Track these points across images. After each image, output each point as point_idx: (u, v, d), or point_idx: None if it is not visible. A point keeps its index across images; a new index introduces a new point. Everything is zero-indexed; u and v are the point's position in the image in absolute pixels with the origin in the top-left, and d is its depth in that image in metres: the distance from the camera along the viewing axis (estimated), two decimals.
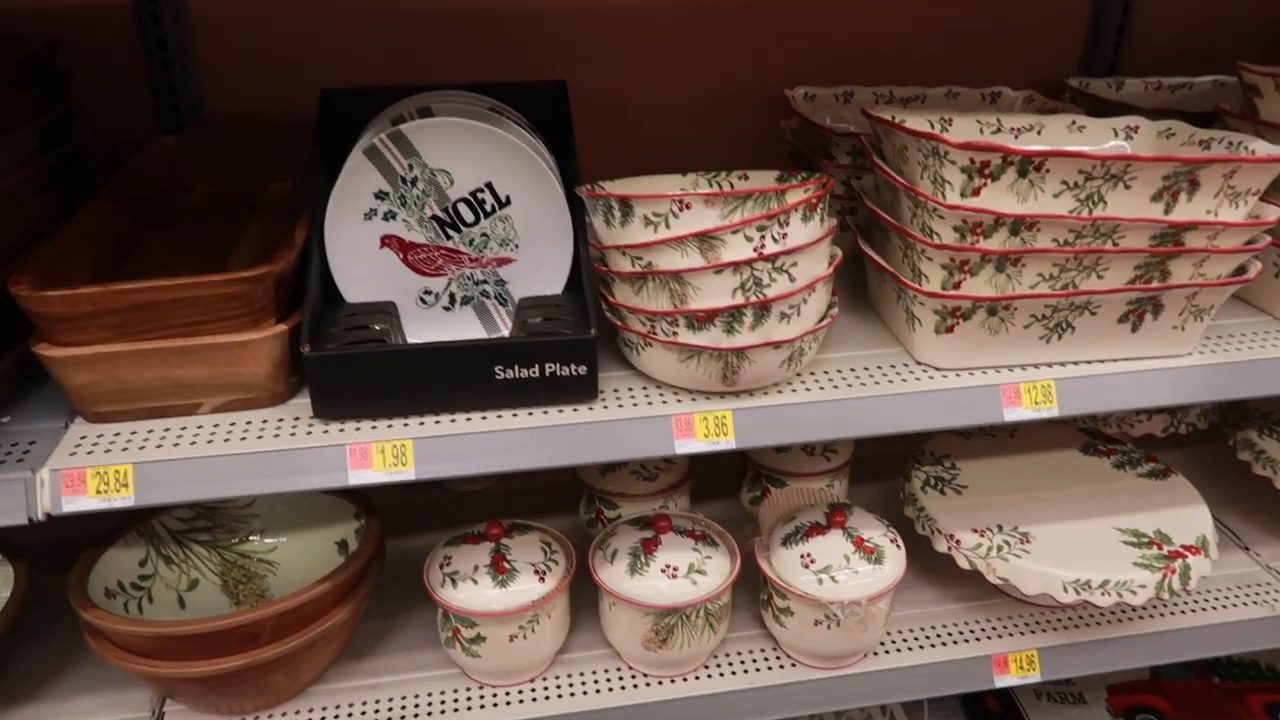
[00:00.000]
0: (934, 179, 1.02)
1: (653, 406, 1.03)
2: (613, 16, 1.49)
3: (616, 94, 1.54)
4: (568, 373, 1.00)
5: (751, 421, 1.03)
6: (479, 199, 1.07)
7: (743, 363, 1.00)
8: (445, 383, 0.99)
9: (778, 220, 0.96)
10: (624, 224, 0.99)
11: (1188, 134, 1.16)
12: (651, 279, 0.98)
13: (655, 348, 1.01)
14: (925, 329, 1.08)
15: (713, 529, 1.25)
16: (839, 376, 1.09)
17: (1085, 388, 1.09)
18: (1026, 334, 1.08)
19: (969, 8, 1.64)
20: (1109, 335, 1.10)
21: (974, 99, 1.56)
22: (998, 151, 0.97)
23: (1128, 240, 1.02)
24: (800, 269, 0.99)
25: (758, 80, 1.59)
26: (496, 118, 1.12)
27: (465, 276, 1.11)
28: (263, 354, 0.98)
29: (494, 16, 1.45)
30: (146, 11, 1.37)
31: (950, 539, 1.27)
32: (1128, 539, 1.26)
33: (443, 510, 1.50)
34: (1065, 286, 1.05)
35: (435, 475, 0.98)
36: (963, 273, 1.03)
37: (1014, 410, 1.08)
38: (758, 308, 0.97)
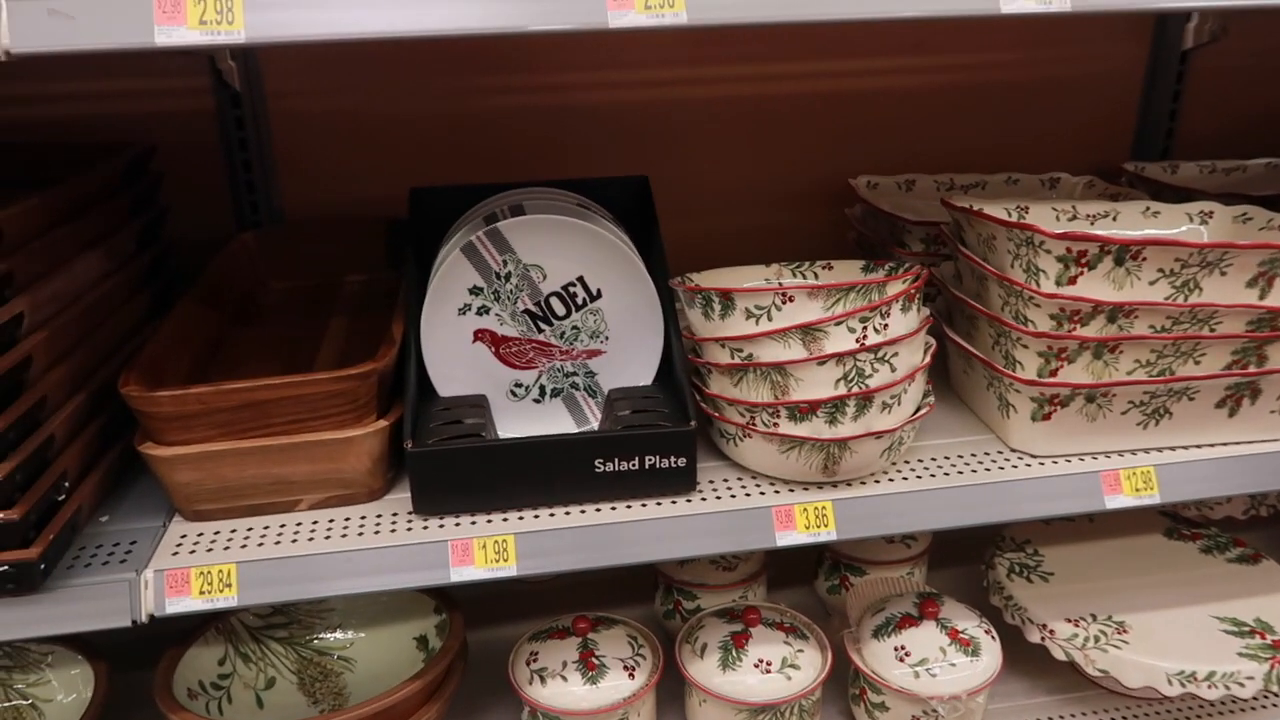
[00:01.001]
0: (1027, 268, 1.03)
1: (751, 498, 1.02)
2: (682, 112, 1.53)
3: (685, 186, 1.56)
4: (667, 465, 1.00)
5: (852, 512, 1.02)
6: (571, 292, 1.08)
7: (844, 453, 0.99)
8: (545, 476, 0.99)
9: (879, 311, 0.96)
10: (724, 316, 0.99)
11: (1265, 219, 1.17)
12: (752, 370, 0.98)
13: (754, 439, 1.01)
14: (1021, 416, 1.08)
15: (800, 620, 1.23)
16: (934, 465, 1.08)
17: (1186, 474, 1.08)
18: (1124, 420, 1.07)
19: (1021, 98, 1.67)
20: (1206, 420, 1.09)
21: (1034, 184, 1.57)
22: (1095, 241, 0.98)
23: (1224, 326, 1.02)
24: (900, 359, 0.99)
25: (819, 172, 1.62)
26: (586, 213, 1.13)
27: (555, 369, 1.11)
28: (364, 450, 0.98)
29: (560, 115, 1.49)
30: (230, 116, 1.41)
31: (1044, 629, 1.24)
32: (1228, 628, 1.23)
33: (513, 601, 1.48)
34: (1162, 373, 1.04)
35: (537, 571, 0.97)
36: (1060, 360, 1.03)
37: (1115, 498, 1.06)
38: (860, 398, 0.97)
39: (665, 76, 1.51)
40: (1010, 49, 1.65)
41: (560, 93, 1.49)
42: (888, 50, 1.58)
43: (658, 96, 1.51)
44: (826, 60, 1.57)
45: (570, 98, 1.49)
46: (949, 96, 1.64)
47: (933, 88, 1.63)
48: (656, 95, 1.51)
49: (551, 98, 1.49)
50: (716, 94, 1.54)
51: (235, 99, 1.41)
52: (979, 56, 1.65)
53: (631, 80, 1.50)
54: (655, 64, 1.51)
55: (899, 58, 1.61)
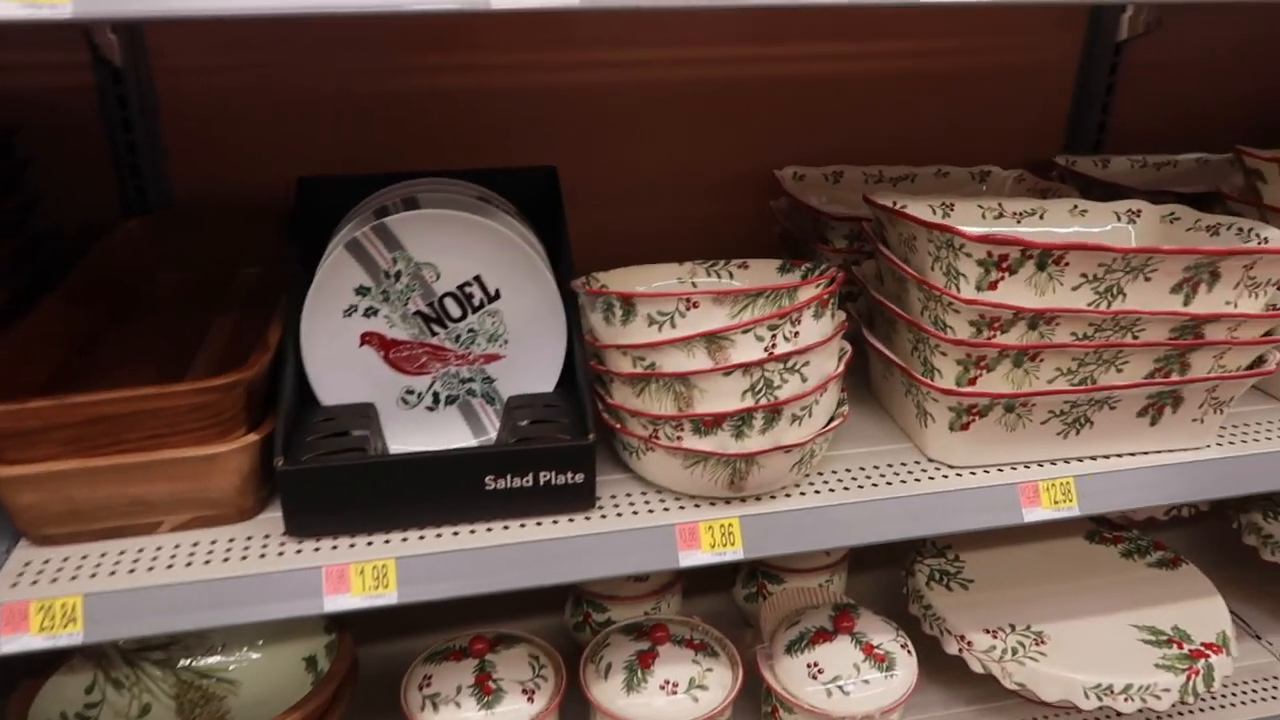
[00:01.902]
0: (947, 271, 0.98)
1: (654, 515, 0.96)
2: (597, 98, 1.45)
3: (602, 176, 1.49)
4: (564, 481, 0.93)
5: (760, 529, 0.96)
6: (467, 293, 1.01)
7: (752, 468, 0.93)
8: (430, 494, 0.91)
9: (789, 318, 0.90)
10: (625, 322, 0.93)
11: (1193, 219, 1.13)
12: (655, 380, 0.92)
13: (657, 453, 0.95)
14: (939, 426, 1.03)
15: (712, 636, 1.17)
16: (849, 477, 1.03)
17: (1105, 485, 1.04)
18: (1044, 429, 1.03)
19: (955, 89, 1.62)
20: (1128, 429, 1.05)
21: (963, 178, 1.53)
22: (1017, 245, 0.93)
23: (1148, 333, 0.98)
24: (812, 368, 0.93)
25: (746, 162, 1.55)
26: (485, 207, 1.06)
27: (450, 375, 1.03)
28: (231, 468, 0.90)
29: (475, 99, 1.40)
30: (111, 94, 1.30)
31: (961, 640, 1.20)
32: (1146, 637, 1.20)
33: (418, 611, 1.39)
34: (1084, 381, 1.00)
35: (420, 598, 0.90)
36: (979, 368, 0.98)
37: (1034, 510, 1.02)
38: (769, 411, 0.91)
39: (582, 59, 1.43)
40: (942, 36, 1.59)
41: (471, 74, 1.40)
42: (814, 35, 1.52)
43: (575, 80, 1.43)
44: (750, 45, 1.50)
45: (481, 80, 1.40)
46: (878, 84, 1.58)
47: (862, 75, 1.57)
48: (573, 79, 1.43)
49: (462, 79, 1.40)
50: (635, 79, 1.46)
51: (117, 75, 1.30)
52: (910, 44, 1.60)
53: (546, 63, 1.42)
54: (572, 46, 1.43)
55: (826, 43, 1.55)
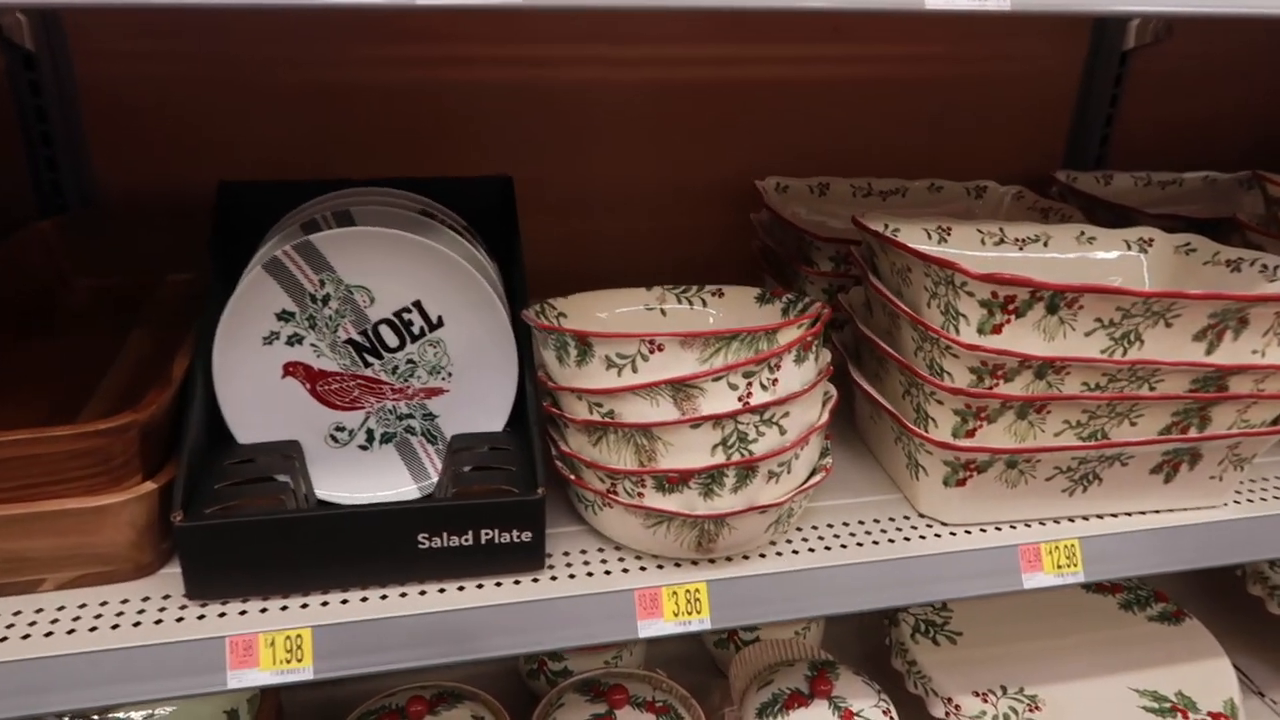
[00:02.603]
0: (945, 309, 0.87)
1: (612, 578, 0.85)
2: (564, 98, 1.33)
3: (567, 184, 1.37)
4: (508, 539, 0.82)
5: (731, 595, 0.85)
6: (405, 320, 0.89)
7: (722, 530, 0.82)
8: (355, 553, 0.80)
9: (768, 364, 0.80)
10: (580, 363, 0.82)
11: (1211, 252, 1.03)
12: (613, 430, 0.81)
13: (616, 509, 0.84)
14: (932, 479, 0.93)
15: (675, 695, 1.07)
16: (830, 534, 0.92)
17: (1113, 548, 0.94)
18: (1048, 486, 0.93)
19: (950, 96, 1.52)
20: (1140, 487, 0.95)
21: (958, 192, 1.43)
22: (1025, 286, 0.82)
23: (1166, 384, 0.88)
24: (792, 419, 0.82)
25: (725, 171, 1.44)
26: (428, 223, 0.94)
27: (387, 410, 0.92)
28: (123, 520, 0.78)
29: (426, 97, 1.28)
30: (24, 79, 1.18)
31: (949, 703, 1.10)
32: (1148, 704, 1.11)
33: None
34: (1094, 435, 0.90)
35: (341, 673, 0.78)
36: (979, 420, 0.88)
37: (1034, 576, 0.92)
38: (742, 468, 0.80)
39: (546, 55, 1.31)
40: (937, 41, 1.49)
41: (421, 68, 1.27)
42: (801, 36, 1.41)
43: (537, 78, 1.31)
44: (731, 45, 1.38)
45: (432, 75, 1.27)
46: (868, 90, 1.47)
47: (850, 80, 1.46)
48: (535, 76, 1.31)
49: (411, 74, 1.27)
50: (605, 78, 1.34)
51: (29, 60, 1.17)
52: (903, 48, 1.49)
53: (505, 58, 1.29)
54: (534, 40, 1.30)
55: (814, 45, 1.44)
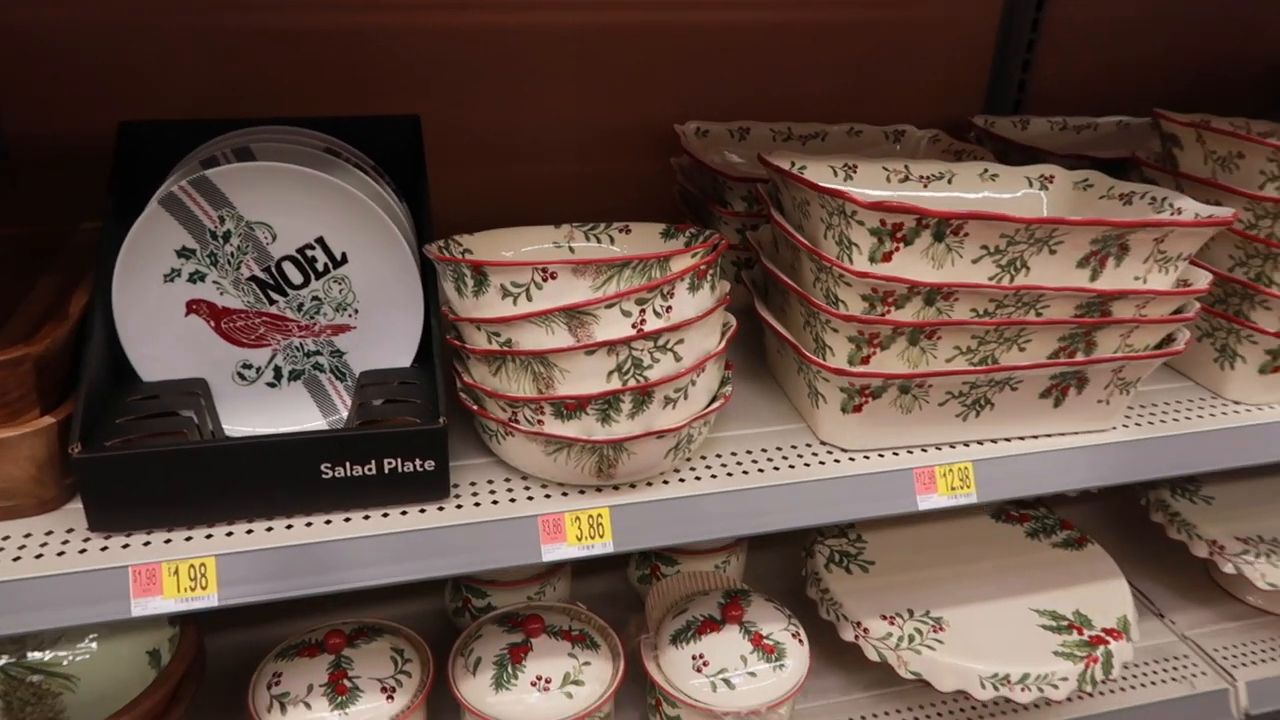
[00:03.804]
0: (840, 240, 0.89)
1: (516, 505, 0.87)
2: (484, 42, 1.33)
3: (491, 129, 1.37)
4: (412, 469, 0.84)
5: (632, 520, 0.88)
6: (309, 257, 0.90)
7: (621, 455, 0.85)
8: (259, 485, 0.81)
9: (660, 291, 0.81)
10: (478, 294, 0.83)
11: (1106, 186, 1.07)
12: (512, 359, 0.83)
13: (517, 438, 0.86)
14: (830, 406, 0.95)
15: (593, 625, 1.10)
16: (733, 461, 0.95)
17: (1005, 470, 0.98)
18: (941, 411, 0.96)
19: (871, 42, 1.53)
20: (1030, 411, 0.99)
21: (877, 136, 1.46)
22: (912, 213, 0.85)
23: (1052, 310, 0.91)
24: (687, 346, 0.84)
25: (648, 114, 1.45)
26: (332, 160, 0.94)
27: (294, 347, 0.93)
28: (23, 455, 0.78)
29: (344, 37, 1.27)
30: None
31: (858, 626, 1.14)
32: (1046, 623, 1.16)
33: None
34: (984, 360, 0.93)
35: (246, 599, 0.80)
36: (872, 346, 0.91)
37: (929, 498, 0.95)
38: (638, 393, 0.82)
39: None
40: None
41: (332, 12, 1.26)
42: None
43: (457, 23, 1.31)
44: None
45: (343, 19, 1.26)
46: (790, 35, 1.49)
47: (775, 25, 1.47)
48: (456, 21, 1.31)
49: (329, 17, 1.26)
50: (526, 22, 1.34)
51: None
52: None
53: (426, 1, 1.29)
54: None
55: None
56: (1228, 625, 1.37)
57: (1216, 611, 1.40)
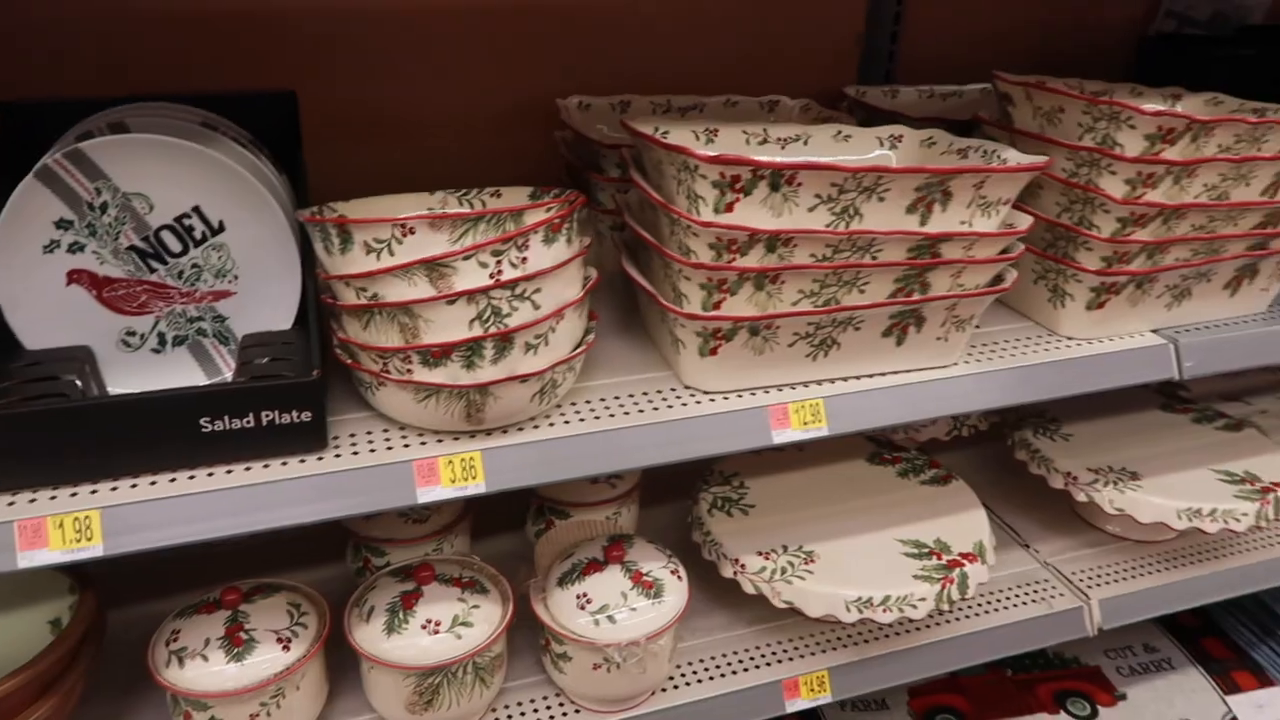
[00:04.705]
0: (688, 195, 0.97)
1: (392, 452, 0.93)
2: (369, 19, 1.37)
3: (375, 103, 1.42)
4: (289, 420, 0.89)
5: (503, 462, 0.94)
6: (186, 226, 0.94)
7: (487, 400, 0.91)
8: (140, 441, 0.86)
9: (515, 244, 0.88)
10: (344, 251, 0.88)
11: (947, 143, 1.15)
12: (379, 312, 0.88)
13: (389, 387, 0.91)
14: (689, 351, 1.03)
15: (485, 573, 1.16)
16: (601, 406, 1.02)
17: (854, 405, 1.06)
18: (792, 352, 1.04)
19: (748, 19, 1.61)
20: (875, 349, 1.07)
21: (752, 108, 1.53)
22: (746, 165, 0.92)
23: (885, 254, 1.00)
24: (545, 295, 0.91)
25: (534, 89, 1.51)
26: (208, 134, 0.99)
27: (176, 314, 0.97)
28: None
29: (226, 19, 1.31)
30: None
31: (735, 563, 1.22)
32: (909, 550, 1.25)
33: (191, 569, 1.34)
34: (827, 302, 1.01)
35: (131, 548, 0.84)
36: (722, 292, 0.98)
37: (783, 432, 1.03)
38: (499, 339, 0.88)
39: None
40: None
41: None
42: None
43: (340, 4, 1.35)
44: None
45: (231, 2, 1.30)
46: (670, 10, 1.55)
47: (657, 2, 1.54)
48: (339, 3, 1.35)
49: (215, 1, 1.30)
50: (409, 2, 1.39)
51: None
52: None
53: None
54: None
55: None
56: (1085, 551, 1.48)
57: (1077, 540, 1.51)
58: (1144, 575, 1.43)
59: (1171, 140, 1.08)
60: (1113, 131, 1.09)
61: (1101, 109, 1.09)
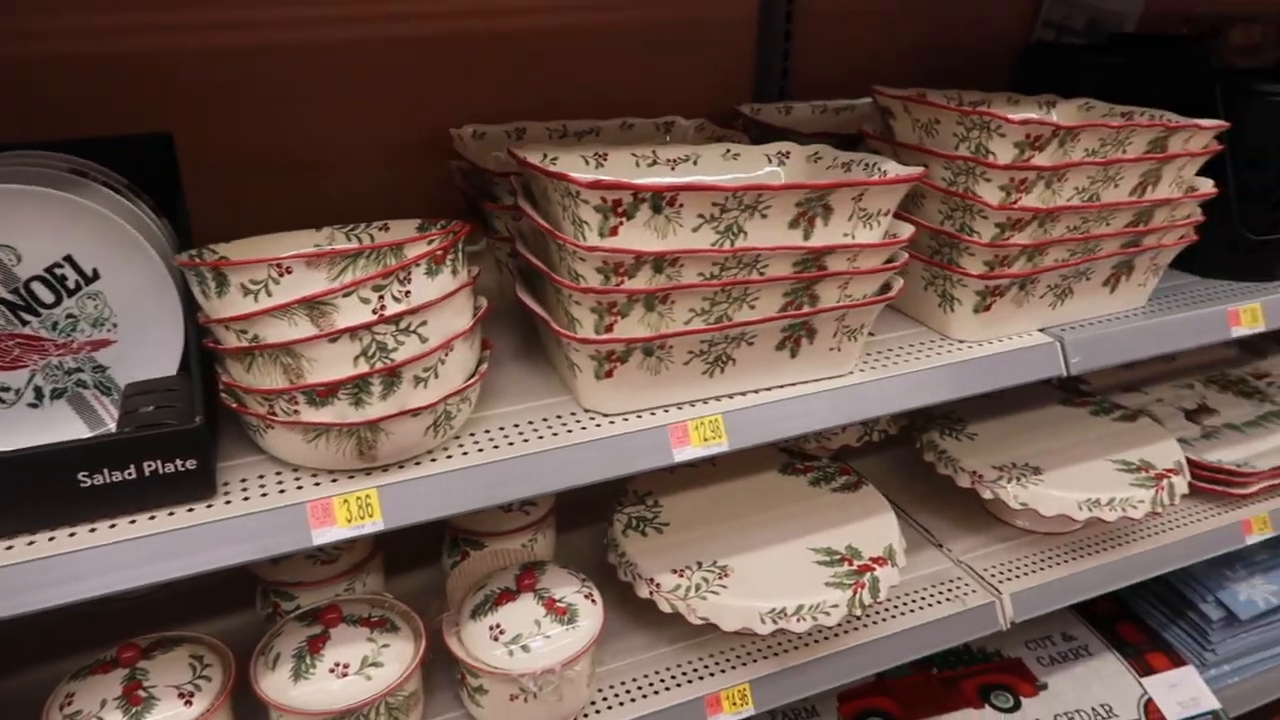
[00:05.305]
0: (574, 220, 0.97)
1: (285, 494, 0.91)
2: (257, 57, 1.36)
3: (270, 143, 1.40)
4: (174, 469, 0.87)
5: (401, 498, 0.93)
6: (58, 275, 0.92)
7: (379, 436, 0.90)
8: (14, 500, 0.83)
9: (397, 277, 0.87)
10: (221, 295, 0.87)
11: (832, 157, 1.18)
12: (260, 354, 0.87)
13: (277, 429, 0.90)
14: (586, 375, 1.03)
15: (396, 610, 1.14)
16: (500, 434, 1.02)
17: (752, 419, 1.08)
18: (688, 370, 1.05)
19: (641, 42, 1.63)
20: (770, 363, 1.09)
21: (648, 129, 1.54)
22: (627, 189, 0.93)
23: (772, 269, 1.01)
24: (432, 328, 0.90)
25: (431, 121, 1.50)
26: (77, 180, 0.96)
27: (53, 366, 0.94)
28: None
29: (103, 61, 1.28)
30: None
31: (651, 583, 1.22)
32: (820, 559, 1.27)
33: (90, 628, 1.29)
34: (718, 319, 1.03)
35: (12, 612, 0.81)
36: (613, 315, 0.99)
37: (684, 450, 1.04)
38: (386, 375, 0.88)
39: (227, 19, 1.33)
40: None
41: (98, 38, 1.27)
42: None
43: (225, 42, 1.34)
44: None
45: (112, 44, 1.28)
46: (565, 37, 1.57)
47: (546, 30, 1.55)
48: (224, 40, 1.33)
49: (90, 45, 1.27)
50: (294, 39, 1.38)
51: None
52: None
53: (180, 24, 1.31)
54: (224, 5, 1.33)
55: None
56: (997, 547, 1.52)
57: (988, 536, 1.54)
58: (1052, 567, 1.47)
59: (1040, 147, 1.12)
60: (985, 140, 1.13)
61: (973, 119, 1.13)
